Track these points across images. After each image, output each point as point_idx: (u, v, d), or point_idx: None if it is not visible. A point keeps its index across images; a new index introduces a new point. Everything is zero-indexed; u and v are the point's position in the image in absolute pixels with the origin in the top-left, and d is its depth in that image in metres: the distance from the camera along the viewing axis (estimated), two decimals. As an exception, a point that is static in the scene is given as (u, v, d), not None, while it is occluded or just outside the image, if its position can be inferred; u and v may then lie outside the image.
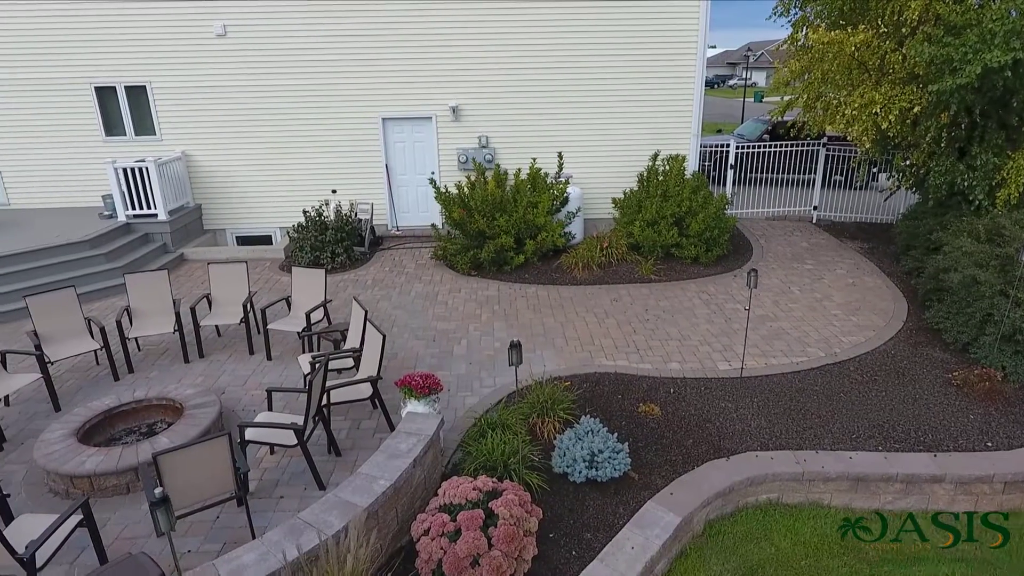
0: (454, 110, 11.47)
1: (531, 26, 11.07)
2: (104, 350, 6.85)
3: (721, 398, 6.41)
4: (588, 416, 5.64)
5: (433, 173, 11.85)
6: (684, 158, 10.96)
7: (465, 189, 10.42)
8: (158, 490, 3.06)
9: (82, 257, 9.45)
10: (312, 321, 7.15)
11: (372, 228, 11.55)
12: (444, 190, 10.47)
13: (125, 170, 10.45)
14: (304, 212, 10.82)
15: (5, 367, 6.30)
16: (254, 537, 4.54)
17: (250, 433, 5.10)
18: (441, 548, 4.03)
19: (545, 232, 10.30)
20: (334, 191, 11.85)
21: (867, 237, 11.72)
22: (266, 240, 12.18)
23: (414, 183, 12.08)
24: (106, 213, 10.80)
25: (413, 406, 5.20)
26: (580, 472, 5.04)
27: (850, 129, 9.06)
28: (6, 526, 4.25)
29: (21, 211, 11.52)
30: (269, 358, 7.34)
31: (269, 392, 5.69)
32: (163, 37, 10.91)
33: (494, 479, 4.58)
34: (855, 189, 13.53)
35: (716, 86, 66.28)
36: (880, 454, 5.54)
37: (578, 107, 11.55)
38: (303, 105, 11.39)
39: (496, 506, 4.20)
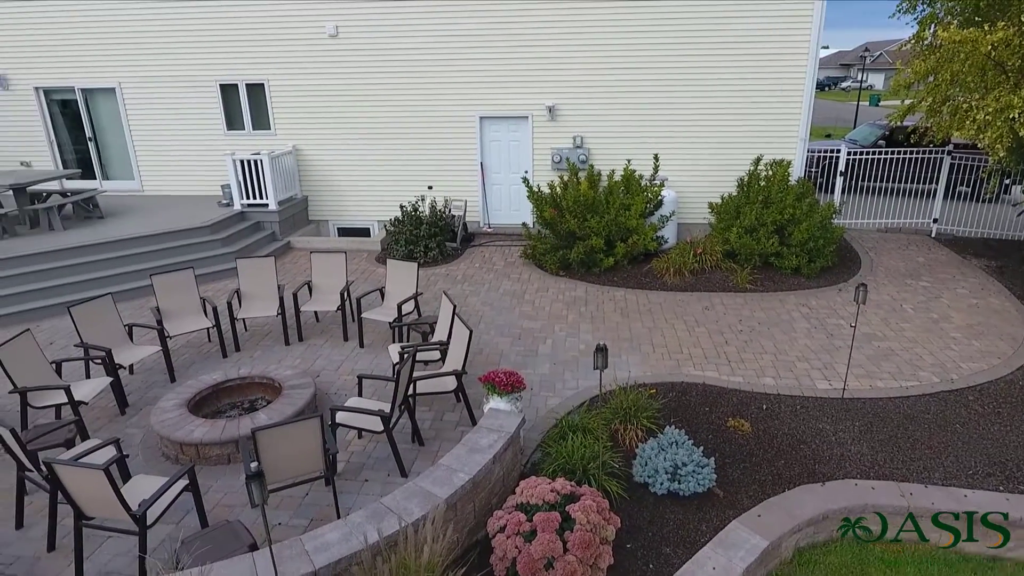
0: (550, 110, 11.48)
1: (631, 25, 10.89)
2: (215, 328, 7.38)
3: (818, 419, 6.03)
4: (673, 426, 5.48)
5: (527, 172, 11.91)
6: (789, 163, 10.41)
7: (557, 189, 10.40)
8: (253, 464, 3.24)
9: (201, 241, 10.23)
10: (403, 312, 7.37)
11: (464, 225, 11.77)
12: (537, 189, 10.50)
13: (242, 162, 11.21)
14: (401, 207, 11.18)
15: (131, 339, 6.93)
16: (339, 516, 4.74)
17: (340, 416, 5.32)
18: (516, 547, 4.04)
19: (637, 235, 10.10)
20: (430, 187, 12.17)
21: (995, 255, 10.67)
22: (364, 232, 12.70)
23: (507, 182, 12.19)
24: (224, 201, 11.64)
25: (495, 402, 5.25)
26: (662, 484, 4.90)
27: (981, 136, 8.27)
28: (123, 484, 4.66)
29: (152, 197, 12.64)
30: (362, 345, 7.65)
31: (360, 378, 5.91)
32: (281, 37, 11.61)
33: (572, 483, 4.53)
34: (983, 202, 12.36)
35: (828, 88, 62.63)
36: (1001, 495, 5.02)
37: (677, 108, 11.24)
38: (405, 104, 11.77)
39: (573, 510, 4.15)
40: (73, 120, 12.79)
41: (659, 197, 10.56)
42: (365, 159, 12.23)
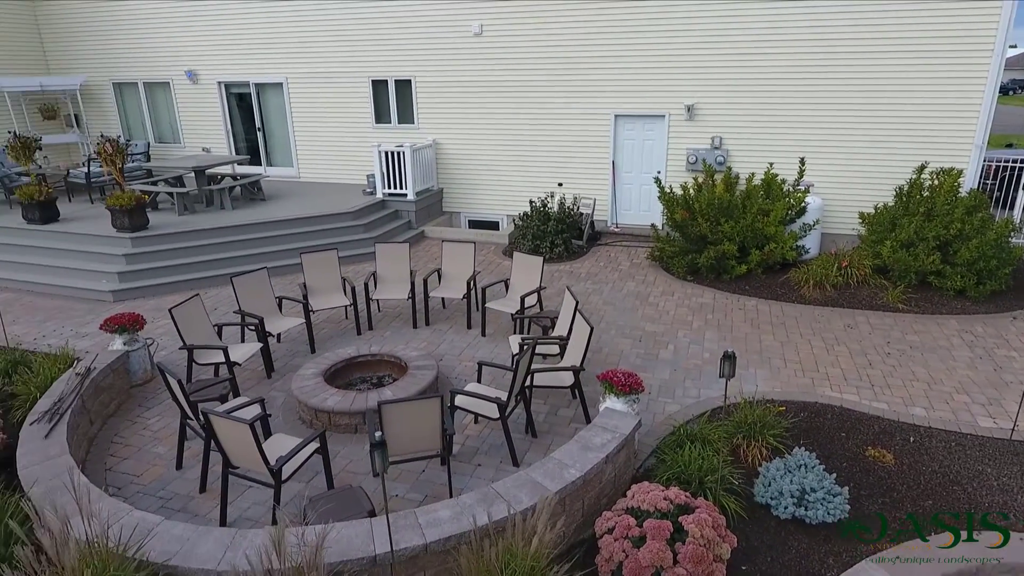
0: (689, 109, 11.09)
1: (777, 22, 10.23)
2: (352, 307, 7.90)
3: (978, 460, 5.35)
4: (802, 448, 5.10)
5: (659, 172, 11.61)
6: (960, 173, 9.27)
7: (691, 191, 10.03)
8: (378, 434, 3.43)
9: (346, 226, 11.01)
10: (526, 305, 7.47)
11: (592, 223, 11.70)
12: (668, 190, 10.20)
13: (387, 153, 11.91)
14: (530, 202, 11.33)
15: (281, 310, 7.59)
16: (451, 496, 4.90)
17: (460, 400, 5.49)
18: (623, 551, 3.96)
19: (774, 243, 9.50)
20: (560, 184, 12.22)
21: None
22: (493, 225, 13.01)
23: (638, 181, 11.96)
24: (368, 190, 12.43)
25: (612, 402, 5.17)
26: (786, 508, 4.58)
27: None
28: (264, 440, 5.11)
29: (306, 183, 13.78)
30: (483, 334, 7.85)
31: (480, 365, 6.07)
32: (430, 36, 12.18)
33: (687, 493, 4.36)
34: None
35: (1012, 92, 55.16)
36: None
37: (827, 109, 10.42)
38: (540, 101, 11.90)
39: (687, 522, 3.99)
40: (246, 112, 14.25)
41: (802, 204, 9.86)
42: (499, 154, 12.52)
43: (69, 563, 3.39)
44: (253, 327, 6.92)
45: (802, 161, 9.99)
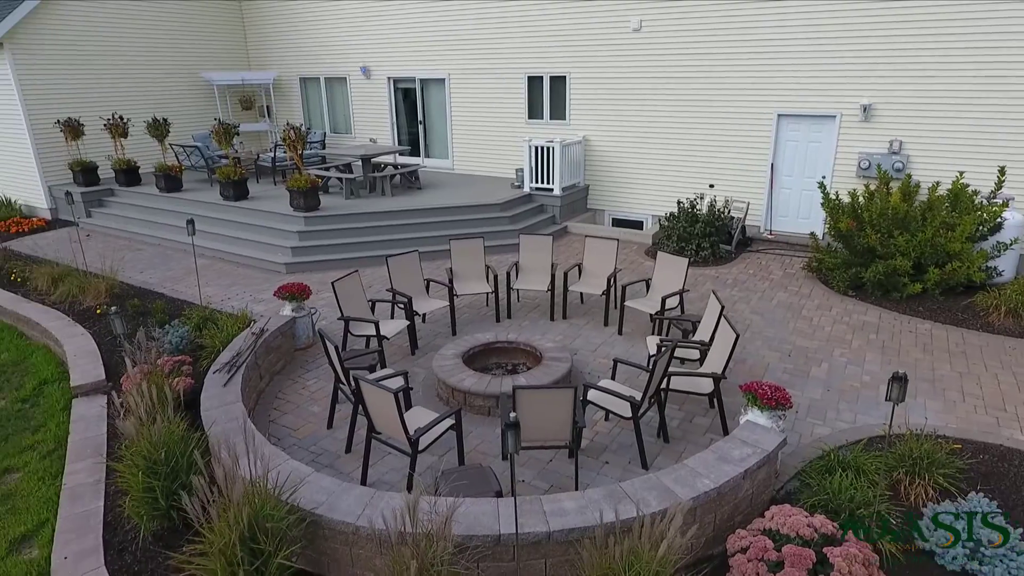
0: (864, 109, 10.10)
1: (975, 14, 8.96)
2: (493, 295, 8.13)
3: None
4: (979, 494, 4.48)
5: (823, 177, 10.70)
6: None
7: (860, 199, 9.15)
8: (512, 415, 3.49)
9: (492, 216, 11.35)
10: (666, 306, 7.24)
11: (743, 228, 11.08)
12: (834, 197, 9.37)
13: (536, 148, 12.09)
14: (678, 203, 10.96)
15: (428, 292, 8.00)
16: (577, 488, 4.88)
17: (592, 394, 5.45)
18: (757, 573, 3.72)
19: (959, 262, 8.40)
20: (711, 186, 11.70)
21: None
22: (637, 225, 12.76)
23: (798, 186, 11.13)
24: (516, 184, 12.71)
25: (754, 416, 4.87)
26: (954, 559, 4.04)
27: None
28: (405, 411, 5.42)
29: (459, 175, 14.39)
30: (620, 332, 7.73)
31: (615, 362, 5.98)
32: (587, 32, 12.17)
33: (834, 524, 4.00)
34: None
35: None
36: None
37: (1047, 112, 9.01)
38: (697, 98, 11.45)
39: (832, 554, 3.66)
40: (410, 105, 15.16)
41: (998, 219, 8.62)
42: (648, 152, 12.24)
43: (235, 496, 3.82)
44: (402, 305, 7.35)
45: (1002, 171, 8.73)
